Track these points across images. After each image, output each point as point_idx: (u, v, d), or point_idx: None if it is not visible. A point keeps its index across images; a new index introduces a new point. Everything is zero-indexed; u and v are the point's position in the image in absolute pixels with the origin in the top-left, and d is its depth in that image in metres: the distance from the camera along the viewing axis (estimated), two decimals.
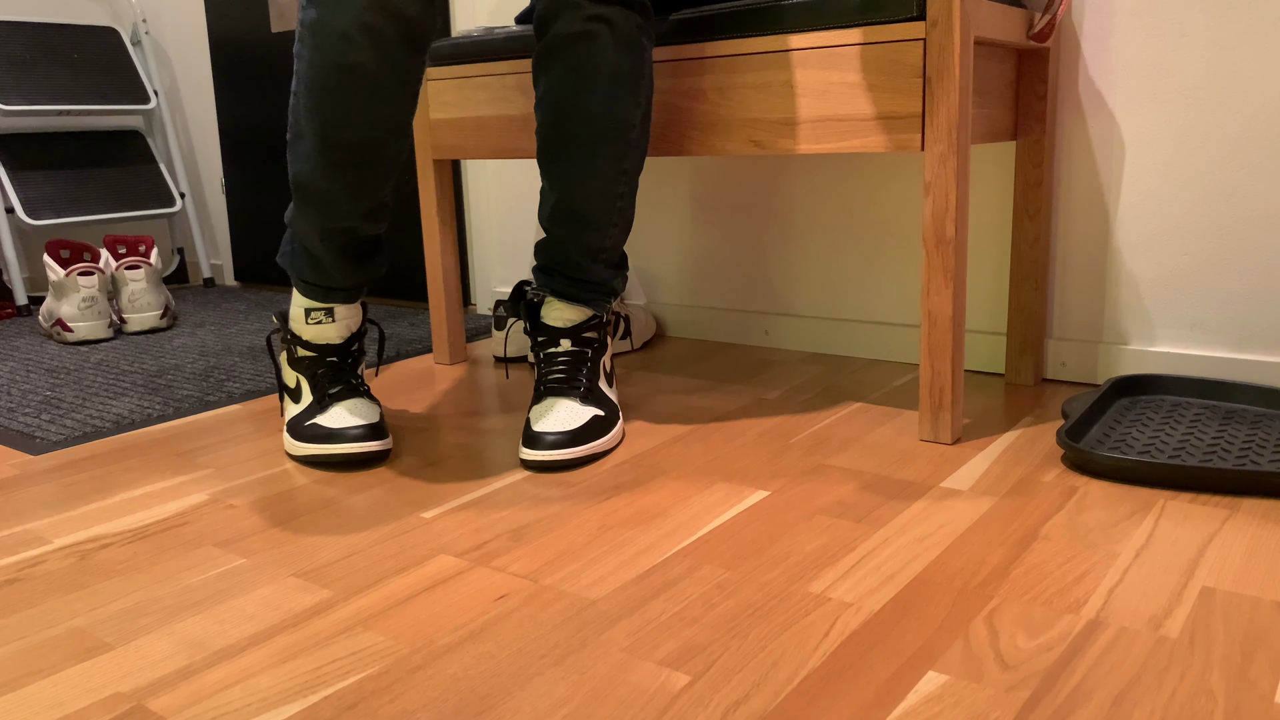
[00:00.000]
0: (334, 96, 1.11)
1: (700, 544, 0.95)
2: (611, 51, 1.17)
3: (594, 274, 1.27)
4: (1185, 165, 1.33)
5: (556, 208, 1.24)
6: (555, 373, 1.25)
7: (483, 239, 2.12)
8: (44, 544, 1.01)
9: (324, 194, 1.17)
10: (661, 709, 0.69)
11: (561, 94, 1.19)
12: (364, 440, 1.19)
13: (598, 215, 1.24)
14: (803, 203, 1.67)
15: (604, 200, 1.23)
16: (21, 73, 2.45)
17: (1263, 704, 0.66)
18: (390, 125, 1.16)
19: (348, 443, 1.19)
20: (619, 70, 1.18)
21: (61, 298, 1.99)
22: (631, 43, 1.19)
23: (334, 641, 0.79)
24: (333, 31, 1.08)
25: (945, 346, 1.18)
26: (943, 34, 1.11)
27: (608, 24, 1.16)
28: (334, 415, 1.22)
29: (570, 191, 1.23)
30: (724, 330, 1.79)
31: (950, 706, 0.68)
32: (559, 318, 1.27)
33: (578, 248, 1.25)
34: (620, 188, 1.24)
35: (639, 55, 1.20)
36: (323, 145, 1.14)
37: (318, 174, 1.16)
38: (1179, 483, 1.04)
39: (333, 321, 1.26)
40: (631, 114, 1.21)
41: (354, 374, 1.28)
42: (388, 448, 1.22)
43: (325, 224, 1.20)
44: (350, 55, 1.09)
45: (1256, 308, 1.31)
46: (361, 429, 1.19)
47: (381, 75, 1.11)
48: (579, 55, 1.17)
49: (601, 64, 1.17)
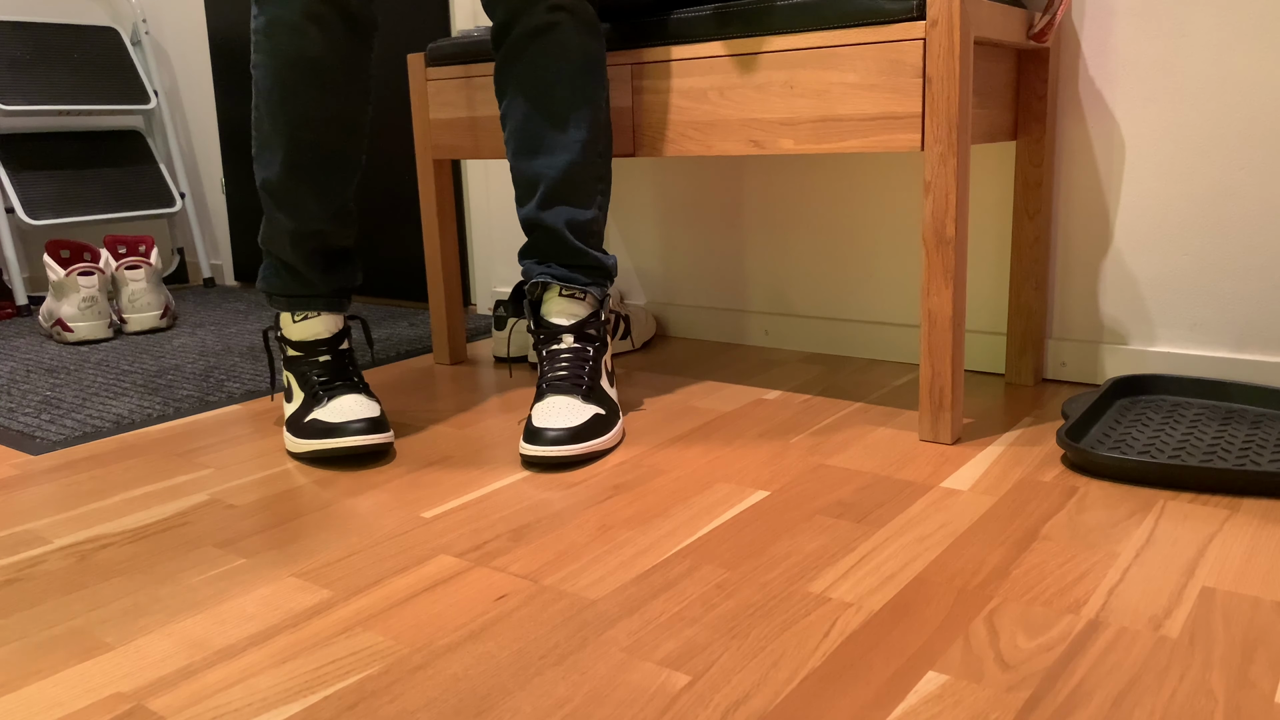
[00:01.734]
0: (295, 93, 1.20)
1: (700, 544, 0.95)
2: (576, 36, 1.24)
3: (589, 257, 1.30)
4: (1185, 165, 1.33)
5: (544, 196, 1.28)
6: (557, 370, 1.25)
7: (483, 239, 2.12)
8: (44, 544, 1.01)
9: (292, 196, 1.24)
10: (661, 709, 0.69)
11: (534, 86, 1.25)
12: (365, 434, 1.20)
13: (583, 197, 1.29)
14: (803, 203, 1.67)
15: (587, 181, 1.28)
16: (21, 73, 2.45)
17: (1263, 704, 0.66)
18: (345, 121, 1.24)
19: (349, 436, 1.19)
20: (585, 53, 1.25)
21: (61, 298, 1.99)
22: (592, 29, 1.27)
23: (334, 641, 0.79)
24: (285, 26, 1.17)
25: (945, 346, 1.18)
26: (943, 34, 1.11)
27: (568, 12, 1.23)
28: (334, 410, 1.22)
29: (556, 176, 1.27)
30: (724, 330, 1.79)
31: (950, 706, 0.68)
32: (561, 313, 1.28)
33: (572, 231, 1.28)
34: (599, 169, 1.30)
35: (599, 41, 1.29)
36: (289, 146, 1.22)
37: (285, 178, 1.23)
38: (1179, 483, 1.04)
39: (318, 316, 1.29)
40: (599, 94, 1.28)
41: (351, 370, 1.30)
42: (389, 441, 1.22)
43: (296, 228, 1.26)
44: (305, 49, 1.18)
45: (1256, 308, 1.31)
46: (362, 423, 1.20)
47: (332, 66, 1.20)
48: (545, 45, 1.24)
49: (569, 49, 1.24)
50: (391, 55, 2.23)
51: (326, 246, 1.29)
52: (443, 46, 1.56)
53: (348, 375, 1.28)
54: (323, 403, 1.24)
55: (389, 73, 2.24)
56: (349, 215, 1.30)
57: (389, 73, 2.24)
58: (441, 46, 1.56)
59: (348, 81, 1.22)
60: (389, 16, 2.20)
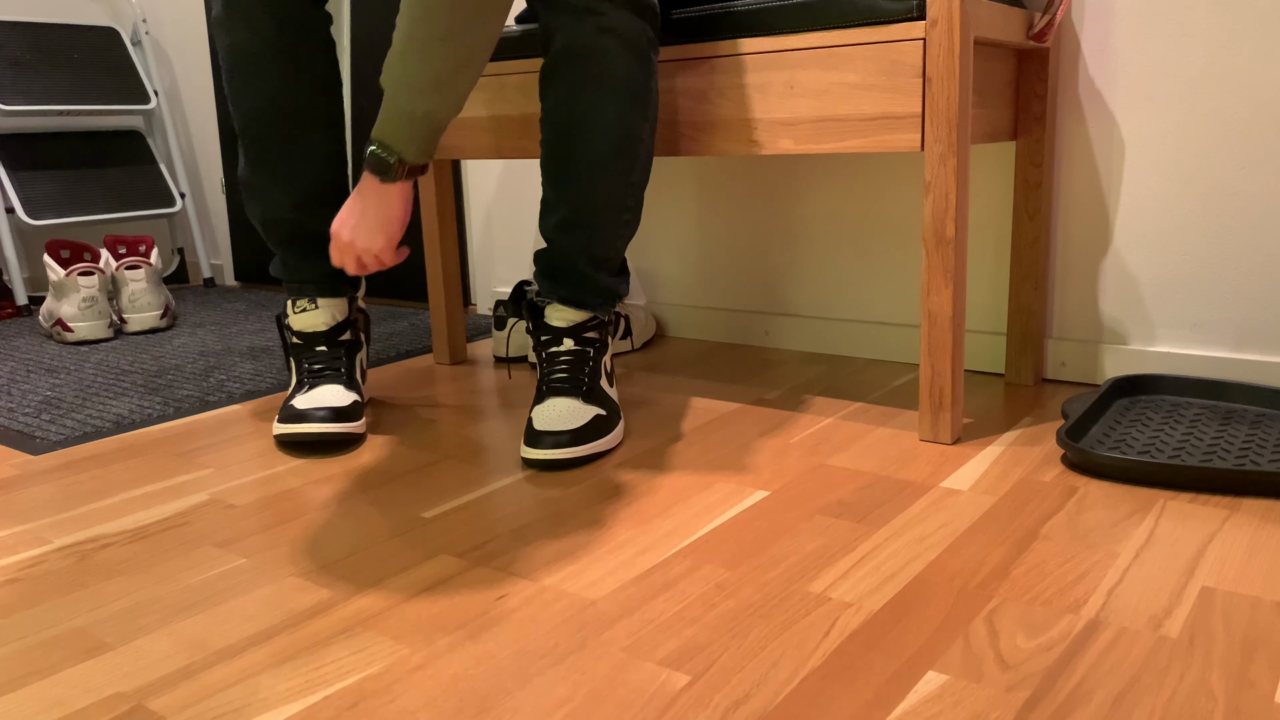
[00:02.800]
0: (237, 87, 1.26)
1: (700, 544, 0.95)
2: (620, 64, 1.15)
3: (599, 282, 1.26)
4: (1185, 165, 1.33)
5: (564, 220, 1.23)
6: (557, 372, 1.25)
7: (483, 239, 2.12)
8: (44, 544, 1.01)
9: (255, 187, 1.31)
10: (661, 709, 0.69)
11: (570, 108, 1.17)
12: (324, 422, 1.23)
13: (605, 227, 1.23)
14: (803, 203, 1.67)
15: (612, 213, 1.22)
16: (21, 73, 2.45)
17: (1263, 704, 0.66)
18: (289, 110, 1.27)
19: (308, 423, 1.23)
20: (629, 84, 1.16)
21: (61, 298, 1.99)
22: (640, 54, 1.17)
23: (334, 641, 0.79)
24: (219, 24, 1.24)
25: (945, 346, 1.18)
26: (943, 34, 1.11)
27: (616, 35, 1.14)
28: (309, 398, 1.27)
29: (579, 205, 1.21)
30: (724, 330, 1.79)
31: (950, 706, 0.68)
32: (562, 318, 1.27)
33: (585, 259, 1.24)
34: (629, 200, 1.23)
35: (647, 67, 1.18)
36: (245, 138, 1.28)
37: (247, 169, 1.31)
38: (1179, 483, 1.04)
39: (316, 309, 1.34)
40: (640, 128, 1.19)
41: (343, 361, 1.33)
42: (350, 432, 1.25)
43: (264, 215, 1.33)
44: (236, 43, 1.25)
45: (1256, 308, 1.31)
46: (325, 411, 1.24)
47: (264, 57, 1.24)
48: (587, 69, 1.15)
49: (611, 78, 1.15)
50: None
51: (301, 234, 1.33)
52: None
53: (337, 366, 1.31)
54: (304, 390, 1.29)
55: None
56: (319, 203, 1.32)
57: None
58: None
59: (285, 73, 1.25)
60: (390, 16, 2.20)
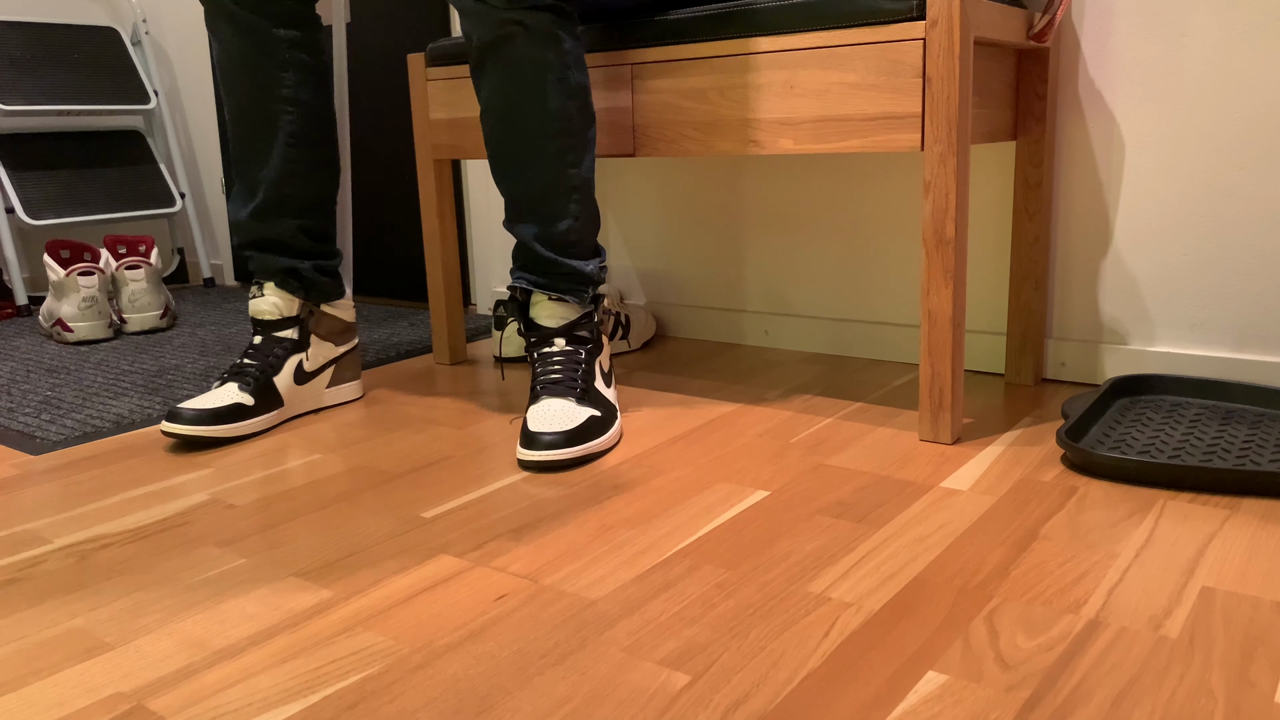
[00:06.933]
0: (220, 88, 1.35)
1: (700, 544, 0.95)
2: (528, 49, 1.21)
3: (565, 267, 1.28)
4: (1185, 165, 1.33)
5: (513, 211, 1.29)
6: (550, 373, 1.25)
7: (483, 239, 2.12)
8: (44, 544, 1.01)
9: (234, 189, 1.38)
10: (661, 709, 0.69)
11: (496, 102, 1.24)
12: (184, 422, 1.26)
13: (550, 209, 1.26)
14: (803, 203, 1.67)
15: (554, 194, 1.26)
16: (21, 73, 2.45)
17: (1263, 704, 0.66)
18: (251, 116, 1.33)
19: (170, 422, 1.27)
20: (539, 65, 1.22)
21: (61, 298, 1.99)
22: (547, 38, 1.22)
23: (334, 641, 0.79)
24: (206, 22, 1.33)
25: (945, 346, 1.18)
26: (943, 34, 1.11)
27: (521, 26, 1.20)
28: (203, 395, 1.31)
29: (522, 193, 1.27)
30: (724, 330, 1.79)
31: (950, 706, 0.68)
32: (549, 315, 1.28)
33: (543, 244, 1.28)
34: (572, 180, 1.26)
35: (557, 48, 1.23)
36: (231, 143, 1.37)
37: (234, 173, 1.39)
38: (1179, 483, 1.04)
39: (262, 295, 1.38)
40: (565, 108, 1.24)
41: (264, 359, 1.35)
42: (202, 435, 1.27)
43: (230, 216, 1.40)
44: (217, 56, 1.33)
45: (1256, 308, 1.31)
46: (193, 412, 1.27)
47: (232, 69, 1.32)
48: (500, 61, 1.22)
49: (523, 65, 1.21)
50: (391, 55, 2.23)
51: (257, 239, 1.38)
52: (443, 46, 1.56)
53: (256, 363, 1.34)
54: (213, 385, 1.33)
55: (389, 73, 2.24)
56: (270, 213, 1.36)
57: (389, 73, 2.24)
58: (442, 46, 1.56)
59: (248, 89, 1.34)
60: (389, 16, 2.20)
